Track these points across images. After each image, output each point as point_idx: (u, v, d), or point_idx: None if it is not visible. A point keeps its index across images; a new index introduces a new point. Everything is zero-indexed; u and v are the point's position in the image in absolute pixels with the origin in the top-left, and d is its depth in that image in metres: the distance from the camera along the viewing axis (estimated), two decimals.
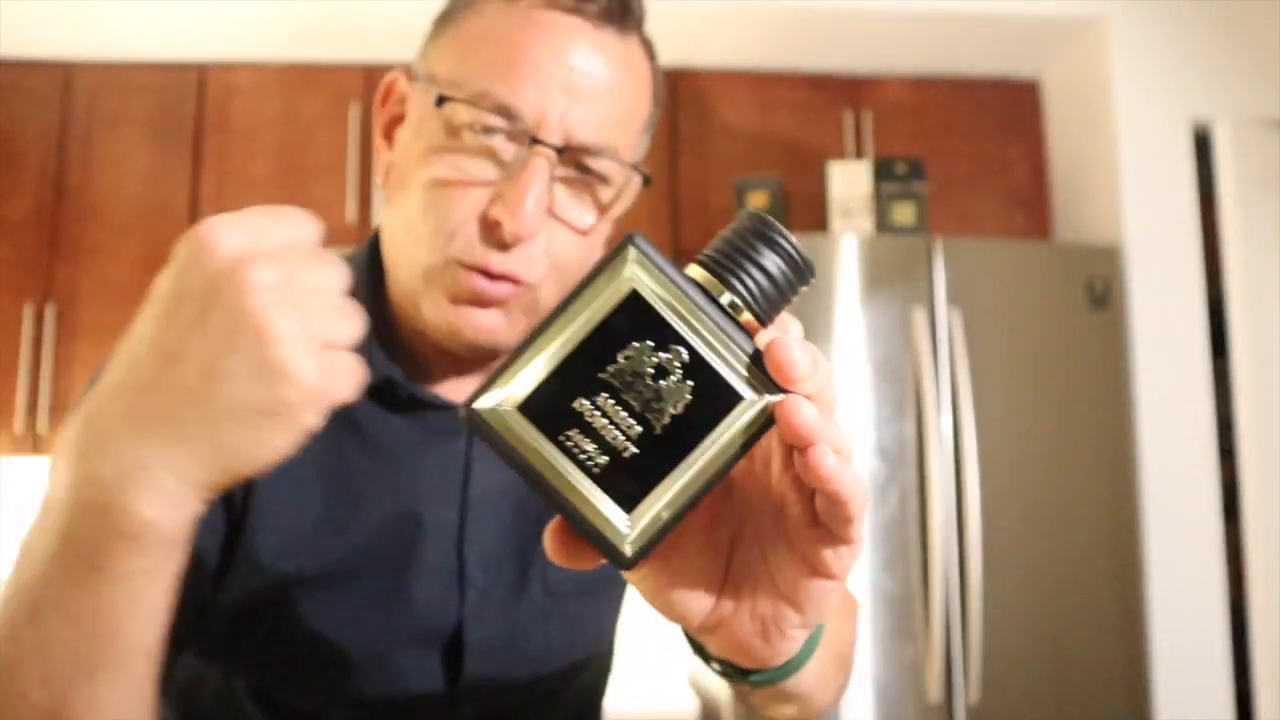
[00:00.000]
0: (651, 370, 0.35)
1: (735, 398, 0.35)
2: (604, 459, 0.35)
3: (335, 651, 0.67)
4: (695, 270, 0.36)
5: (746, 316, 0.36)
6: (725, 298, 0.36)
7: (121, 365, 0.40)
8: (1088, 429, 2.17)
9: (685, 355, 0.35)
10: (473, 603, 0.69)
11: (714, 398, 0.35)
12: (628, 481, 0.35)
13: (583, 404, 0.35)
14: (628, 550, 0.36)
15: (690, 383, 0.35)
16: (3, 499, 2.55)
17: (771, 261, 0.36)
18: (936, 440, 2.09)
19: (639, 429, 0.35)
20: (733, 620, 0.40)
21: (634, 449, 0.35)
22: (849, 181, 2.38)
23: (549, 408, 0.35)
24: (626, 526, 0.36)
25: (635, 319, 0.35)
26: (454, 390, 0.71)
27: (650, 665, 2.48)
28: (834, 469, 0.34)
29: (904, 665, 2.04)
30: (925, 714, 2.03)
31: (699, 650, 0.47)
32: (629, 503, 0.35)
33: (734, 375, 0.35)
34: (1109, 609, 2.12)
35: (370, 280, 0.71)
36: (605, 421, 0.35)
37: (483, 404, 0.35)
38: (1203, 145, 2.44)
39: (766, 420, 0.35)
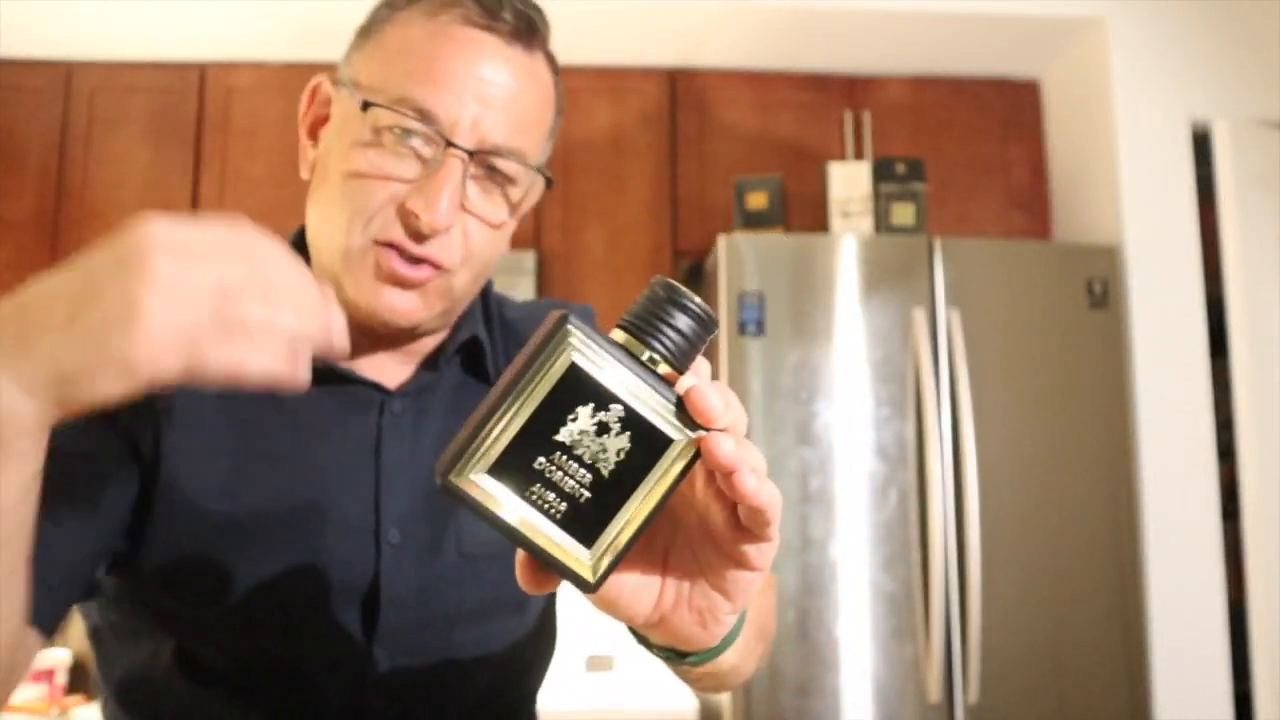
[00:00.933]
0: (595, 428, 0.41)
1: (666, 440, 0.42)
2: (564, 506, 0.42)
3: (257, 604, 0.70)
4: (618, 334, 0.43)
5: (665, 368, 0.43)
6: (645, 355, 0.42)
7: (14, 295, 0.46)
8: (1087, 429, 2.17)
9: (621, 411, 0.42)
10: (388, 558, 0.73)
11: (649, 443, 0.42)
12: (586, 522, 0.42)
13: (542, 463, 0.42)
14: (591, 578, 0.43)
15: (628, 433, 0.42)
16: None
17: (681, 320, 0.43)
18: (936, 440, 2.09)
19: (590, 477, 0.42)
20: (673, 615, 0.47)
21: (588, 494, 0.42)
22: (849, 182, 2.38)
23: (515, 469, 0.42)
24: (589, 559, 0.43)
25: (577, 388, 0.41)
26: (367, 366, 0.76)
27: (650, 665, 2.49)
28: (754, 488, 0.41)
29: (904, 665, 2.04)
30: (925, 713, 2.03)
31: (642, 641, 0.53)
32: (589, 539, 0.43)
33: (662, 421, 0.42)
34: (1108, 609, 2.12)
35: None
36: (562, 475, 0.42)
37: (457, 474, 0.41)
38: (1202, 145, 2.44)
39: (694, 455, 0.42)
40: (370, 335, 0.74)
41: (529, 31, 0.72)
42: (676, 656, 0.52)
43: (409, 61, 0.69)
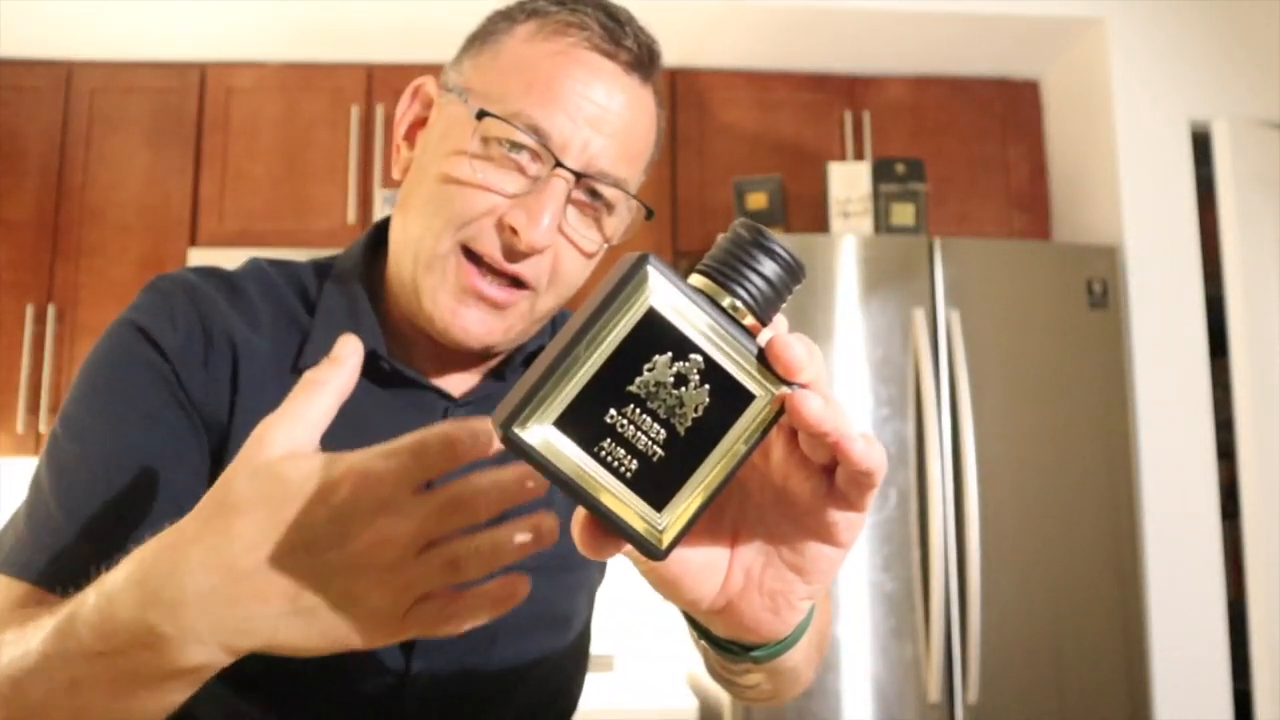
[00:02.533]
0: (673, 379, 0.38)
1: (748, 396, 0.39)
2: (635, 464, 0.38)
3: None
4: (698, 279, 0.40)
5: (749, 319, 0.39)
6: (727, 301, 0.39)
7: (206, 533, 0.42)
8: (1087, 429, 2.17)
9: (701, 362, 0.38)
10: None
11: (729, 398, 0.39)
12: (658, 482, 0.39)
13: (614, 415, 0.38)
14: (661, 545, 0.39)
15: (707, 386, 0.38)
16: (3, 499, 2.56)
17: (768, 266, 0.39)
18: (936, 440, 2.09)
19: (664, 434, 0.38)
20: (741, 599, 0.44)
21: (661, 452, 0.38)
22: (848, 182, 2.38)
23: (583, 423, 0.38)
24: (660, 524, 0.39)
25: (655, 334, 0.38)
26: (433, 371, 0.75)
27: (650, 665, 2.49)
28: (863, 451, 0.38)
29: (904, 664, 2.04)
30: (925, 713, 2.03)
31: (704, 634, 0.50)
32: (660, 501, 0.39)
33: (745, 375, 0.39)
34: (1108, 608, 2.12)
35: (368, 258, 0.77)
36: (635, 430, 0.38)
37: (521, 425, 0.38)
38: (1202, 145, 2.44)
39: (777, 413, 0.39)
40: (438, 342, 0.73)
41: (648, 63, 0.72)
42: (741, 651, 0.48)
43: (528, 77, 0.68)
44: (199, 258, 2.38)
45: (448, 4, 2.35)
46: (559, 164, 0.67)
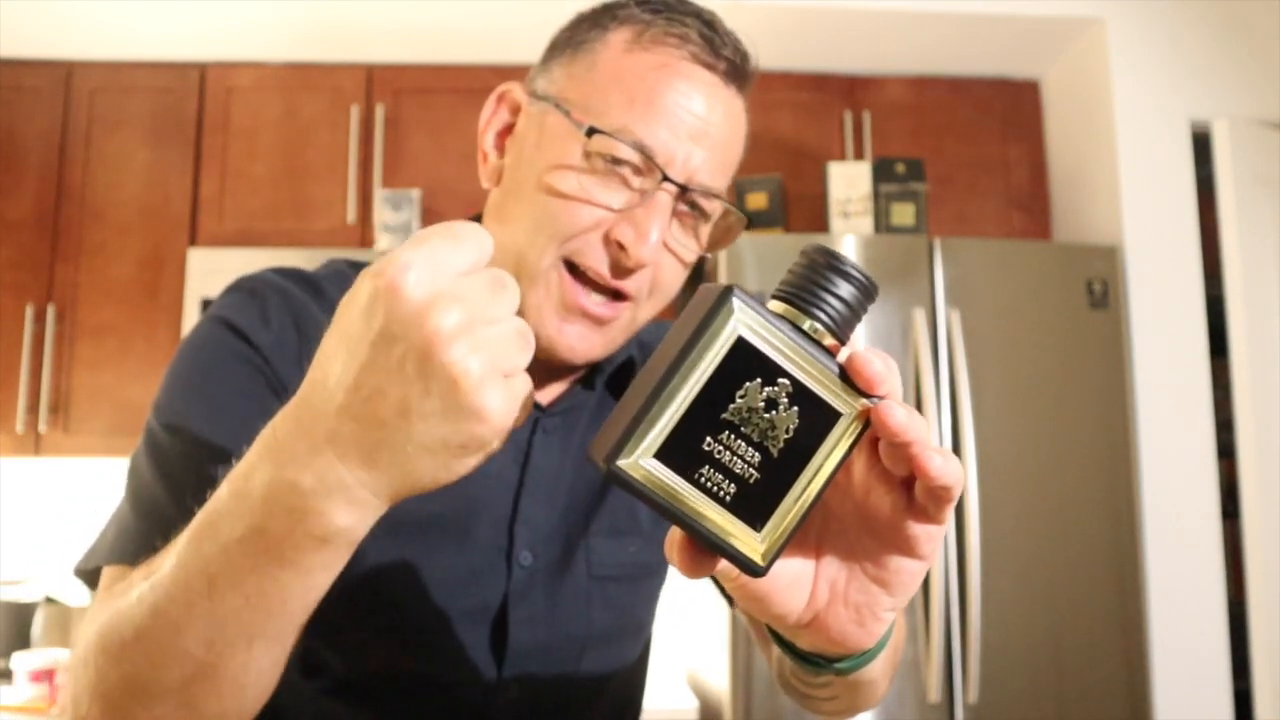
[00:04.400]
0: (764, 403, 0.40)
1: (835, 414, 0.41)
2: (733, 488, 0.40)
3: (396, 612, 0.70)
4: (778, 305, 0.42)
5: (829, 340, 0.41)
6: (807, 324, 0.41)
7: (321, 386, 0.43)
8: (1087, 429, 2.17)
9: (790, 385, 0.40)
10: (518, 581, 0.72)
11: (818, 417, 0.40)
12: (755, 503, 0.41)
13: (710, 443, 0.40)
14: (762, 562, 0.41)
15: (796, 408, 0.40)
16: (3, 499, 2.56)
17: (844, 288, 0.41)
18: (935, 440, 2.09)
19: (759, 456, 0.40)
20: (828, 613, 0.45)
21: (756, 474, 0.40)
22: (848, 182, 2.38)
23: (682, 452, 0.40)
24: (759, 542, 0.41)
25: (745, 362, 0.40)
26: None
27: (650, 665, 2.48)
28: (940, 466, 0.40)
29: (904, 664, 2.04)
30: (925, 714, 2.03)
31: (787, 648, 0.51)
32: (758, 520, 0.41)
33: (829, 394, 0.41)
34: (1108, 608, 2.12)
35: None
36: (731, 455, 0.40)
37: (624, 459, 0.39)
38: (1202, 146, 2.44)
39: (864, 427, 0.41)
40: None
41: (744, 73, 0.73)
42: (825, 663, 0.50)
43: (630, 90, 0.68)
44: (199, 258, 2.38)
45: (448, 4, 2.35)
46: (665, 178, 0.67)
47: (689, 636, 2.46)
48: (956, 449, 2.10)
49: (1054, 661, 2.08)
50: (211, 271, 2.34)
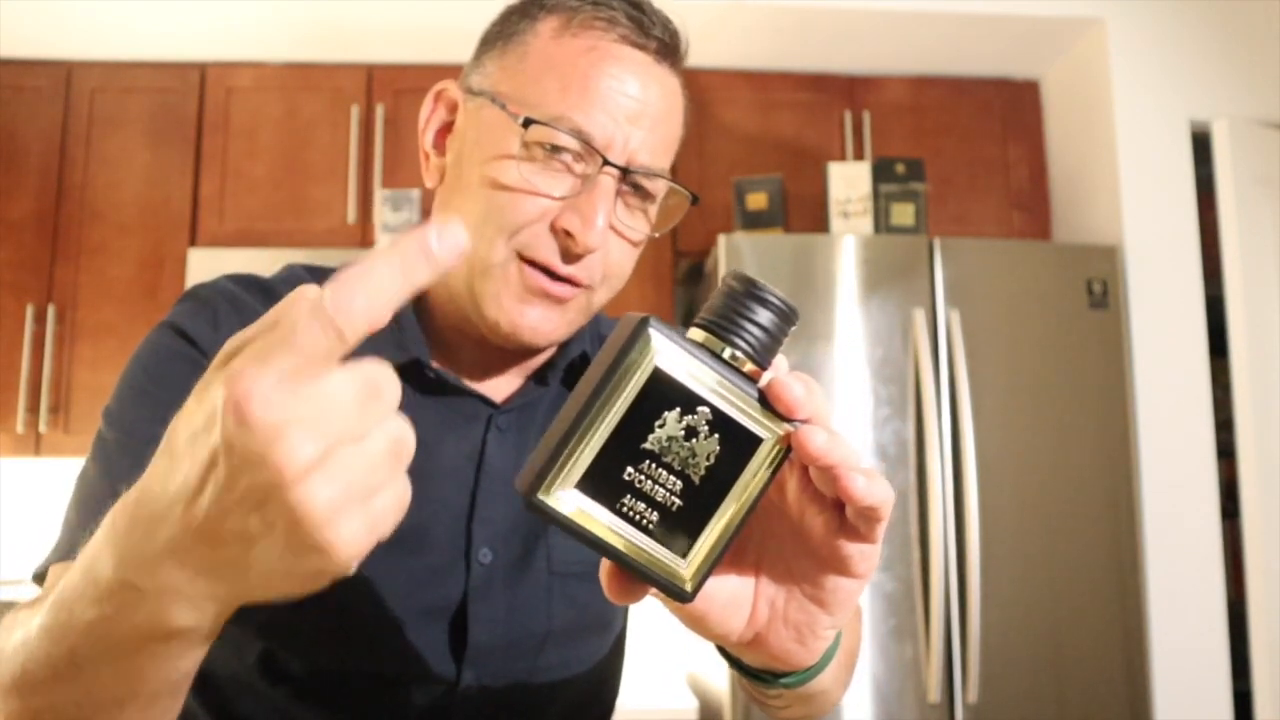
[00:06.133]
0: (683, 432, 0.40)
1: (755, 439, 0.41)
2: (655, 516, 0.41)
3: (353, 614, 0.69)
4: (697, 333, 0.42)
5: (749, 366, 0.41)
6: (727, 352, 0.41)
7: (162, 491, 0.38)
8: (1087, 429, 2.17)
9: (709, 413, 0.40)
10: (478, 578, 0.73)
11: (738, 444, 0.41)
12: (678, 530, 0.41)
13: (631, 473, 0.40)
14: (689, 588, 0.42)
15: (716, 435, 0.40)
16: (3, 499, 2.56)
17: (762, 315, 0.41)
18: (936, 440, 2.09)
19: (680, 484, 0.41)
20: (768, 631, 0.45)
21: (679, 502, 0.41)
22: (848, 182, 2.38)
23: (604, 482, 0.40)
24: (684, 569, 0.41)
25: (662, 392, 0.40)
26: (476, 377, 0.76)
27: (650, 665, 2.48)
28: (864, 488, 0.40)
29: (904, 665, 2.04)
30: (925, 713, 2.03)
31: (735, 663, 0.51)
32: (683, 548, 0.41)
33: (750, 420, 0.41)
34: (1108, 608, 2.12)
35: None
36: (652, 484, 0.40)
37: (545, 491, 0.40)
38: (1201, 146, 2.44)
39: (785, 451, 0.41)
40: (484, 347, 0.73)
41: (674, 50, 0.73)
42: (772, 678, 0.50)
43: (563, 78, 0.68)
44: (199, 258, 2.38)
45: (447, 4, 2.35)
46: (606, 163, 0.68)
47: (689, 637, 2.45)
48: (956, 449, 2.10)
49: (1054, 661, 2.08)
50: (212, 272, 2.31)
